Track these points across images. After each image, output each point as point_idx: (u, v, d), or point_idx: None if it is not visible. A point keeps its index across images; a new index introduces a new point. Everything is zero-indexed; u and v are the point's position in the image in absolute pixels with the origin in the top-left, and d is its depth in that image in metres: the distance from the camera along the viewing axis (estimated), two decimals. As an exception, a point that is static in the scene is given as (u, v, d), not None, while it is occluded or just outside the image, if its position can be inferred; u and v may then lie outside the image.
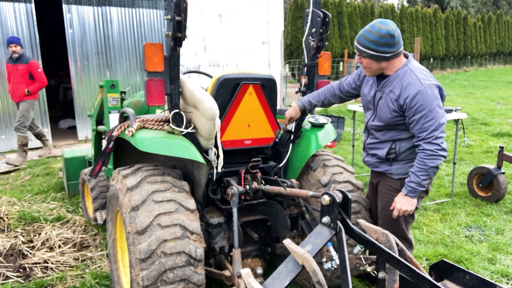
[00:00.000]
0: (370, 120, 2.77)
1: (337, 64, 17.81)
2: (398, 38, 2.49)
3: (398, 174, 2.69)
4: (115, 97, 3.85)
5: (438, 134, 2.45)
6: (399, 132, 2.64)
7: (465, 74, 26.03)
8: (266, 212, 2.81)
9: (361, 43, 2.52)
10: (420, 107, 2.44)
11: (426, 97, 2.43)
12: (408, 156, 2.65)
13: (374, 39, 2.46)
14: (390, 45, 2.47)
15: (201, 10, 9.75)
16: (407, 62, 2.59)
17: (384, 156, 2.71)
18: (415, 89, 2.45)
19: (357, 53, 2.59)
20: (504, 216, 4.54)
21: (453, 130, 8.32)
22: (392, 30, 2.45)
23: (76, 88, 8.62)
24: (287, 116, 2.96)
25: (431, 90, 2.45)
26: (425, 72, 2.56)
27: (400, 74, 2.55)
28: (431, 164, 2.47)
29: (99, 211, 3.99)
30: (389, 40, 2.45)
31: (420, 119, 2.45)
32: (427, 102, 2.43)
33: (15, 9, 7.74)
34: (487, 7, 43.50)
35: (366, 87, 2.79)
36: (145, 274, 2.16)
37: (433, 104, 2.43)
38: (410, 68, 2.55)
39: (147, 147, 2.46)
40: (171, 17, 2.28)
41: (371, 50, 2.49)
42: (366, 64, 2.59)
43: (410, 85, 2.48)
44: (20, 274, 3.33)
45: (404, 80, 2.52)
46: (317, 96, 2.97)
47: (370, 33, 2.47)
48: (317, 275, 1.81)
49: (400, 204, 2.60)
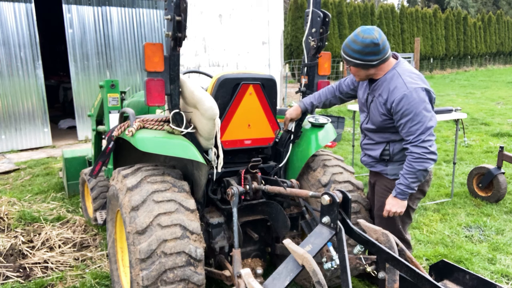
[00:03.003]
0: (364, 123, 2.81)
1: (337, 64, 17.80)
2: (383, 44, 2.47)
3: (393, 175, 2.71)
4: (115, 97, 3.85)
5: (425, 137, 2.45)
6: (391, 134, 2.66)
7: (465, 74, 26.02)
8: (266, 212, 2.81)
9: (347, 53, 2.54)
10: (406, 111, 2.45)
11: (411, 101, 2.43)
12: (403, 157, 2.65)
13: (358, 49, 2.47)
14: (376, 53, 2.47)
15: (201, 10, 9.75)
16: (396, 65, 2.58)
17: (378, 157, 2.73)
18: (401, 93, 2.46)
19: (344, 62, 2.61)
20: (504, 216, 4.54)
21: (453, 130, 8.33)
22: (375, 39, 2.43)
23: (76, 88, 8.61)
24: (287, 117, 2.95)
25: (417, 93, 2.44)
26: (413, 75, 2.54)
27: (388, 77, 2.56)
28: (418, 167, 2.47)
29: (99, 211, 3.99)
30: (374, 49, 2.45)
31: (407, 123, 2.46)
32: (413, 106, 2.43)
33: (15, 9, 7.73)
34: (487, 7, 43.49)
35: (361, 89, 2.82)
36: (145, 274, 2.16)
37: (419, 108, 2.43)
38: (398, 72, 2.55)
39: (147, 147, 2.46)
40: (171, 17, 2.28)
41: (357, 59, 2.50)
42: (354, 72, 2.62)
43: (396, 89, 2.49)
44: (20, 274, 3.33)
45: (391, 84, 2.53)
46: (318, 97, 2.98)
47: (354, 43, 2.48)
48: (317, 275, 1.81)
49: (390, 205, 2.61)
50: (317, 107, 3.02)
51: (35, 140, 8.21)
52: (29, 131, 8.14)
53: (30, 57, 7.95)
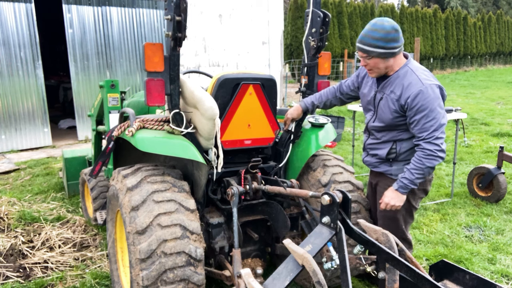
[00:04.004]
0: (371, 121, 2.77)
1: (337, 64, 17.81)
2: (400, 32, 2.50)
3: (397, 175, 2.69)
4: (115, 97, 3.85)
5: (439, 134, 2.44)
6: (400, 133, 2.64)
7: (465, 74, 26.02)
8: (266, 212, 2.81)
9: (367, 43, 2.48)
10: (421, 107, 2.43)
11: (427, 97, 2.42)
12: (408, 156, 2.65)
13: (381, 36, 2.44)
14: (396, 40, 2.47)
15: (201, 10, 9.75)
16: (407, 62, 2.59)
17: (385, 156, 2.71)
18: (416, 89, 2.45)
19: (363, 55, 2.54)
20: (504, 216, 4.54)
21: (453, 130, 8.32)
22: (395, 25, 2.46)
23: (76, 88, 8.61)
24: (288, 117, 2.94)
25: (432, 90, 2.44)
26: (425, 72, 2.56)
27: (401, 74, 2.55)
28: (428, 164, 2.47)
29: (99, 211, 3.99)
30: (395, 35, 2.45)
31: (421, 119, 2.45)
32: (429, 102, 2.42)
33: (15, 9, 7.73)
34: (487, 7, 43.48)
35: (366, 88, 2.79)
36: (145, 274, 2.16)
37: (434, 104, 2.43)
38: (411, 68, 2.54)
39: (147, 147, 2.46)
40: (171, 17, 2.28)
41: (380, 48, 2.46)
42: (373, 65, 2.55)
43: (411, 85, 2.47)
44: (20, 274, 3.33)
45: (405, 80, 2.52)
46: (319, 97, 2.97)
47: (375, 31, 2.45)
48: (317, 275, 1.81)
49: (389, 198, 2.60)
50: (317, 107, 3.01)
51: (35, 140, 8.20)
52: (29, 131, 8.14)
53: (30, 57, 7.95)
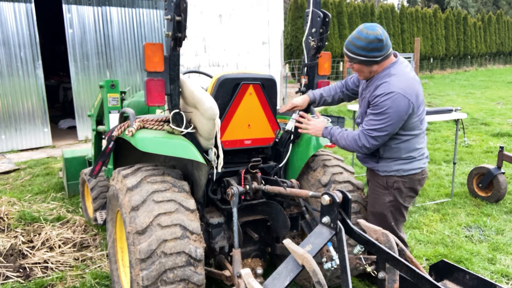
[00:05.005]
0: (357, 118, 2.88)
1: (337, 64, 17.82)
2: (386, 41, 2.50)
3: (384, 171, 2.73)
4: (115, 97, 3.85)
5: (375, 134, 2.51)
6: None
7: (465, 74, 26.02)
8: (266, 212, 2.81)
9: (350, 50, 2.54)
10: (377, 106, 2.50)
11: (387, 102, 2.46)
12: (393, 154, 2.68)
13: (362, 45, 2.48)
14: (379, 49, 2.49)
15: (201, 10, 9.75)
16: (392, 64, 2.59)
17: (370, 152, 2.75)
18: (382, 91, 2.50)
19: (347, 60, 2.63)
20: (504, 216, 4.54)
21: (453, 130, 8.33)
22: (379, 35, 2.46)
23: (76, 88, 8.61)
24: (293, 103, 2.97)
25: (395, 98, 2.45)
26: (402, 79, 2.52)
27: (381, 75, 2.60)
28: (348, 143, 2.62)
29: (99, 211, 3.99)
30: (378, 45, 2.47)
31: (371, 115, 2.53)
32: (385, 106, 2.46)
33: (15, 9, 7.73)
34: (487, 7, 43.48)
35: (361, 86, 2.87)
36: (145, 274, 2.16)
37: (388, 111, 2.46)
38: (391, 72, 2.56)
39: (147, 147, 2.46)
40: (171, 17, 2.28)
41: (361, 56, 2.52)
42: (358, 69, 2.63)
43: (380, 87, 2.53)
44: (20, 274, 3.33)
45: (380, 81, 2.57)
46: (328, 91, 3.02)
47: (358, 39, 2.49)
48: (317, 275, 1.81)
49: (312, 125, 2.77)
50: (325, 100, 3.03)
51: (35, 140, 8.20)
52: (29, 131, 8.14)
53: (30, 57, 7.95)
